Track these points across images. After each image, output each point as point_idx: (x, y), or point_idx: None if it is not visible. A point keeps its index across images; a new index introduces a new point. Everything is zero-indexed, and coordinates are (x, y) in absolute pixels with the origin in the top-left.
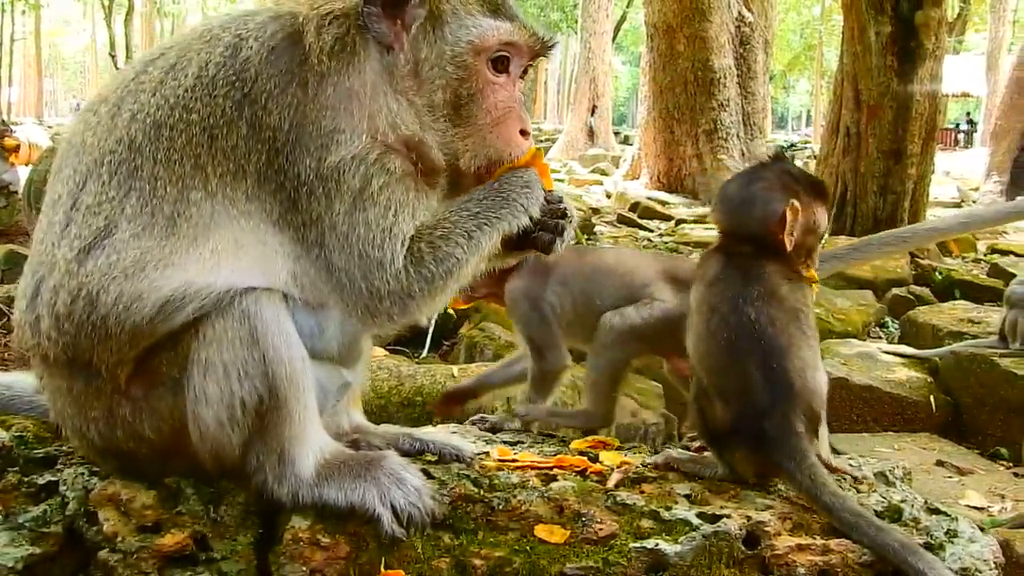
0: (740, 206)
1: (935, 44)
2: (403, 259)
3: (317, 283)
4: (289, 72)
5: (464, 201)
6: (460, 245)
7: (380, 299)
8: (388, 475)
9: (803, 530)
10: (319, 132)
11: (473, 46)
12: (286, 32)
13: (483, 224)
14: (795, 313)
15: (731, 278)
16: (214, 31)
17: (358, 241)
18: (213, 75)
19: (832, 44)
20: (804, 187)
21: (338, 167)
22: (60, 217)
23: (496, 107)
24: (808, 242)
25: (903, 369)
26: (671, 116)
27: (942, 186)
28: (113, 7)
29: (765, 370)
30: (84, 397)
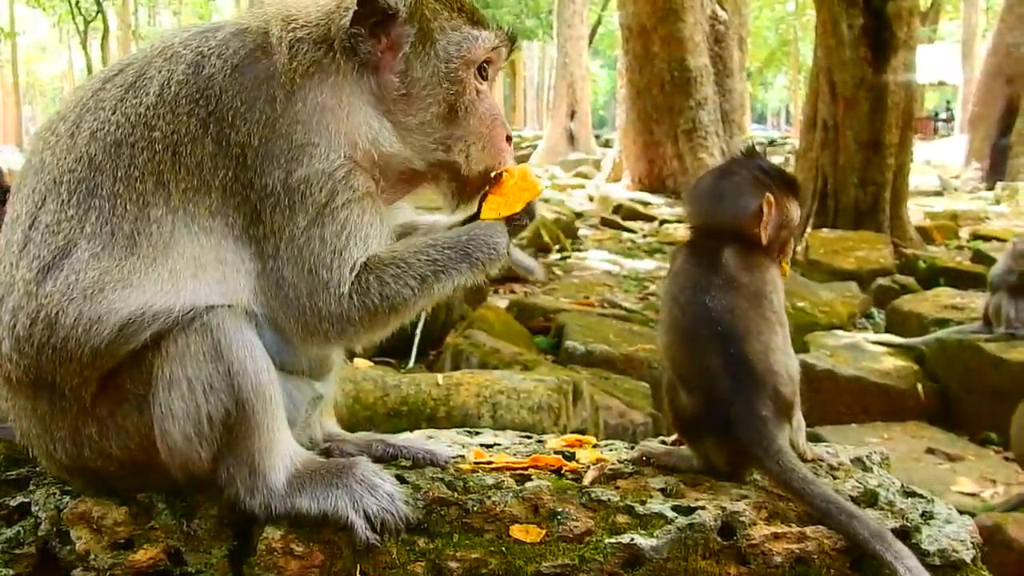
0: (713, 201)
1: (908, 34)
2: (349, 285)
3: (268, 296)
4: (255, 88)
5: (428, 244)
6: (410, 287)
7: (320, 319)
8: (360, 482)
9: (779, 519)
10: (290, 145)
11: (464, 59)
12: (248, 49)
13: (439, 272)
14: (758, 299)
15: (692, 268)
16: (175, 48)
17: (311, 256)
18: (176, 92)
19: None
20: (777, 182)
21: (307, 179)
22: (18, 236)
23: (486, 115)
24: (782, 236)
25: (890, 359)
26: (650, 117)
27: (923, 175)
28: (89, 32)
29: (724, 356)
30: (49, 417)
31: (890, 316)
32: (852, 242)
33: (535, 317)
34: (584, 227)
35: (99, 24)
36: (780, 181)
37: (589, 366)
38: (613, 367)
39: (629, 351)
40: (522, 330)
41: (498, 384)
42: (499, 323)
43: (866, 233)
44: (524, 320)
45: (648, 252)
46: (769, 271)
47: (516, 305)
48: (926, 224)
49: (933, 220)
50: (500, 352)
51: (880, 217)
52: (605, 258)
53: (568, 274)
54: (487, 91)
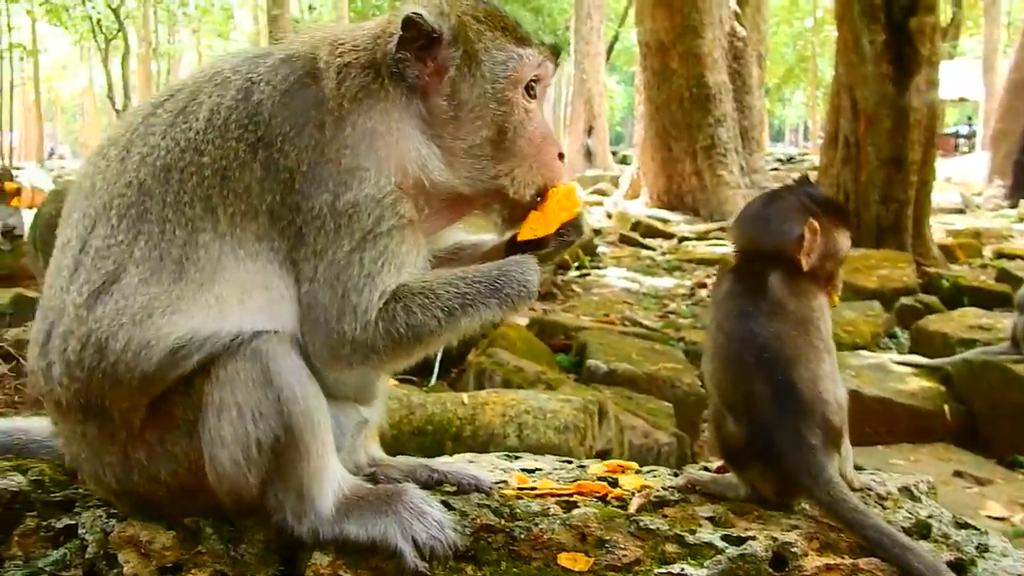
0: (758, 225)
1: (930, 50)
2: (376, 312)
3: (300, 317)
4: (304, 115)
5: (458, 276)
6: (436, 318)
7: (343, 343)
8: (409, 509)
9: (831, 550)
10: (339, 170)
11: (511, 80)
12: (297, 75)
13: (467, 306)
14: (804, 326)
15: (738, 294)
16: (224, 74)
17: (347, 279)
18: (225, 118)
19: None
20: (826, 211)
21: (355, 204)
22: (69, 261)
23: (536, 135)
24: (828, 267)
25: (915, 379)
26: (668, 134)
27: (944, 192)
28: (109, 50)
29: (772, 384)
30: (99, 442)
31: (914, 336)
32: (874, 260)
33: (556, 335)
34: (602, 244)
35: (120, 42)
36: (829, 209)
37: (612, 385)
38: (636, 386)
39: (652, 370)
40: (544, 348)
41: (524, 404)
42: (520, 341)
43: (888, 251)
44: (545, 338)
45: (667, 270)
46: (816, 298)
47: (537, 323)
48: (949, 242)
49: (956, 238)
50: (523, 371)
51: (902, 235)
52: (624, 275)
53: (587, 291)
54: (536, 109)
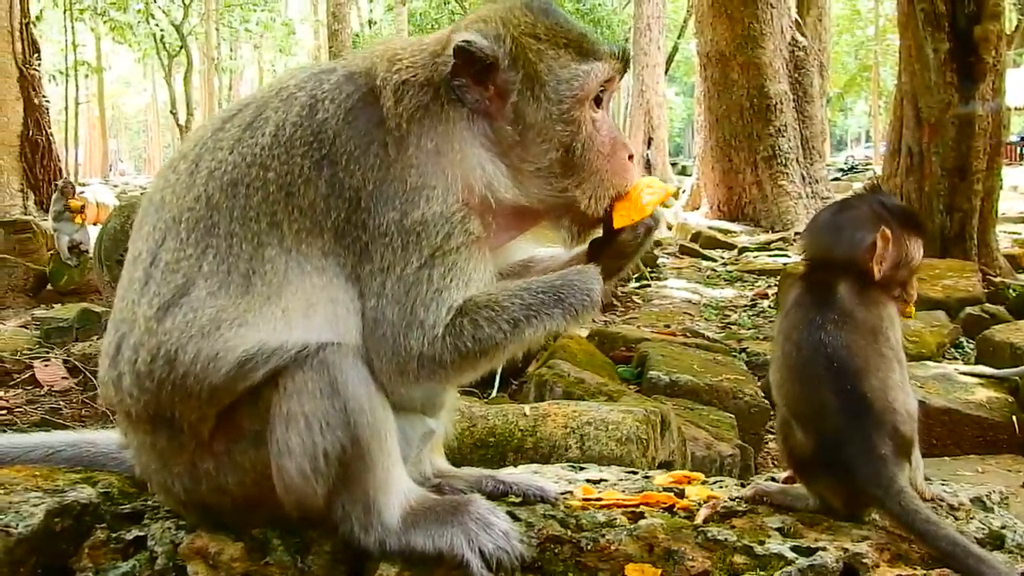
0: (829, 234)
1: (995, 58)
2: (444, 327)
3: (365, 332)
4: (368, 134)
5: (523, 287)
6: (502, 331)
7: (410, 358)
8: (475, 520)
9: (903, 561)
10: (405, 188)
11: (577, 98)
12: (362, 93)
13: (531, 317)
14: (874, 335)
15: (805, 304)
16: (290, 90)
17: (416, 295)
18: (291, 134)
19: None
20: (898, 219)
21: (424, 221)
22: (140, 274)
23: (605, 144)
24: (900, 275)
25: (982, 390)
26: (728, 144)
27: (1010, 201)
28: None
29: (841, 394)
30: (167, 452)
31: (981, 346)
32: (939, 270)
33: (617, 346)
34: (663, 255)
35: (182, 58)
36: (902, 217)
37: (673, 396)
38: (698, 397)
39: (714, 381)
40: (605, 359)
41: (586, 415)
42: (581, 352)
43: (953, 261)
44: (606, 349)
45: (728, 281)
46: (886, 307)
47: (597, 334)
48: (1015, 251)
49: (1023, 247)
50: (584, 382)
51: (967, 244)
52: (684, 287)
53: (648, 303)
54: (603, 118)
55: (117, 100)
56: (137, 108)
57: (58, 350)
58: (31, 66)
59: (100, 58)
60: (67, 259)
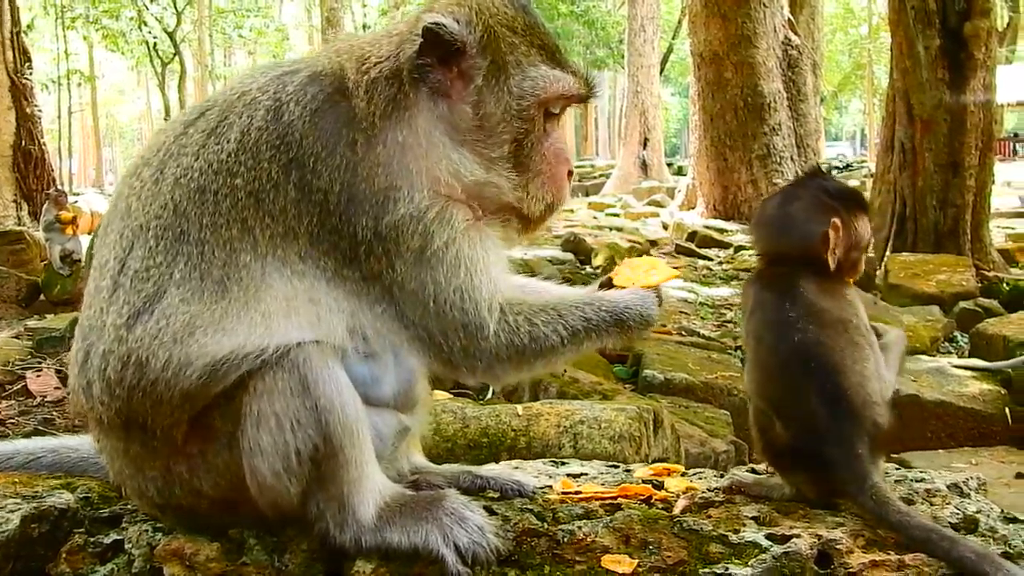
0: (780, 228)
1: (986, 54)
2: (495, 324)
3: (386, 335)
4: (335, 133)
5: (585, 302)
6: (560, 335)
7: (466, 356)
8: (450, 515)
9: (876, 546)
10: (373, 190)
11: (539, 98)
12: (326, 93)
13: (589, 330)
14: (843, 325)
15: (769, 304)
16: (252, 94)
17: (430, 299)
18: (256, 139)
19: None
20: (844, 202)
21: (396, 226)
22: (107, 282)
23: (551, 152)
24: (852, 257)
25: (975, 383)
26: (723, 144)
27: (1003, 196)
28: (166, 74)
29: (822, 394)
30: (140, 457)
31: (974, 340)
32: (933, 265)
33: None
34: (659, 255)
35: (176, 66)
36: (847, 200)
37: (668, 395)
38: (693, 395)
39: (709, 379)
40: (600, 359)
41: (578, 414)
42: None
43: (947, 256)
44: (602, 349)
45: (724, 279)
46: (848, 293)
47: None
48: (1008, 246)
49: (1015, 242)
50: (579, 382)
51: (961, 239)
52: (681, 286)
53: None
54: (555, 127)
55: (111, 109)
56: (131, 116)
57: (50, 360)
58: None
59: (93, 66)
60: (59, 268)
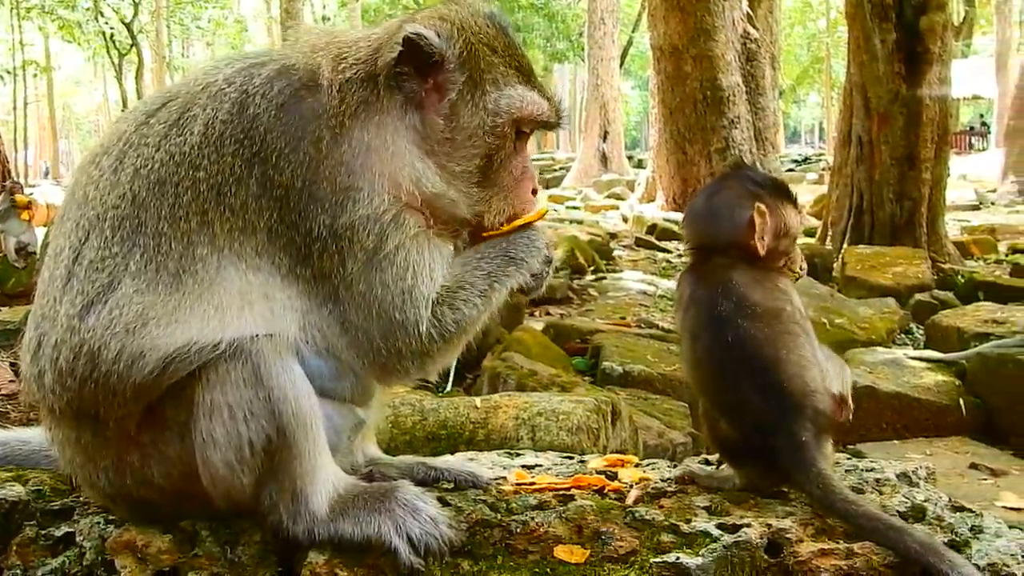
0: (706, 219)
1: (941, 48)
2: (427, 322)
3: (329, 337)
4: (300, 129)
5: (477, 259)
6: (476, 305)
7: (400, 358)
8: (402, 506)
9: (826, 535)
10: (334, 189)
11: (513, 117)
12: (294, 88)
13: (494, 283)
14: (776, 315)
15: (703, 300)
16: (219, 84)
17: (375, 302)
18: (220, 132)
19: (840, 56)
20: (768, 191)
21: (352, 225)
22: (62, 271)
23: (518, 169)
24: (782, 245)
25: (930, 374)
26: (683, 137)
27: (959, 189)
28: (123, 65)
29: (761, 387)
30: (92, 447)
31: (929, 331)
32: (889, 258)
33: (571, 338)
34: (618, 248)
35: (133, 57)
36: (772, 189)
37: (627, 387)
38: (651, 387)
39: (667, 371)
40: (559, 352)
41: (536, 406)
42: (536, 345)
43: (903, 249)
44: (561, 342)
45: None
46: (780, 282)
47: (552, 327)
48: (964, 239)
49: (971, 235)
50: (538, 374)
51: (917, 232)
52: (640, 278)
53: (603, 295)
54: (523, 146)
55: (68, 100)
56: (88, 108)
57: (4, 353)
58: None
59: (49, 57)
60: (14, 261)
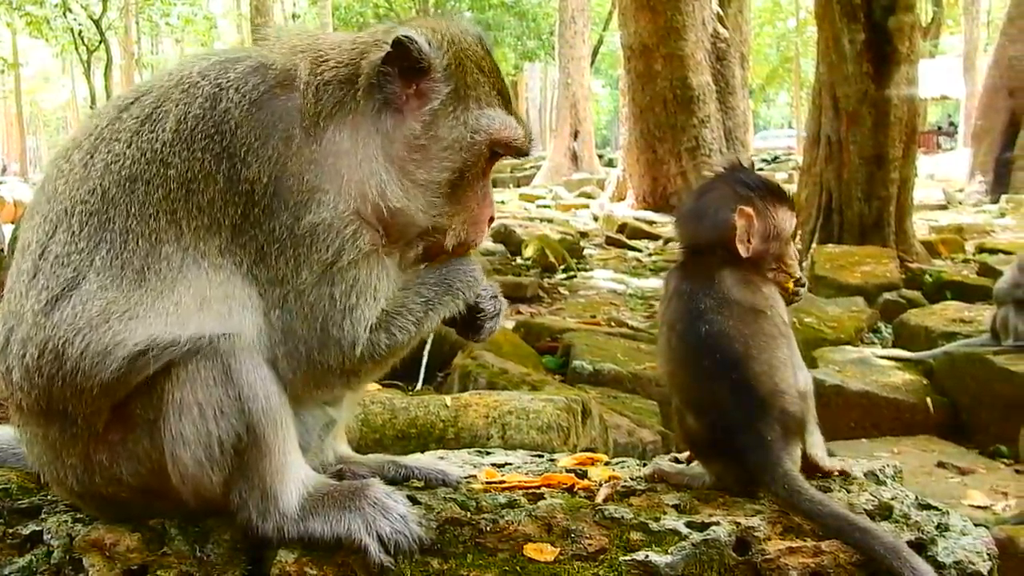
0: (694, 218)
1: (910, 48)
2: (363, 343)
3: (273, 342)
4: (271, 125)
5: (417, 285)
6: (410, 332)
7: (329, 373)
8: (373, 504)
9: (793, 533)
10: (300, 187)
11: (491, 137)
12: (269, 85)
13: (429, 311)
14: (755, 315)
15: (685, 293)
16: (193, 78)
17: (320, 314)
18: (192, 127)
19: (809, 55)
20: (759, 193)
21: (313, 231)
22: (28, 266)
23: (480, 192)
24: (772, 249)
25: (898, 373)
26: (653, 136)
27: (927, 189)
28: (92, 61)
29: (727, 383)
30: (60, 444)
31: (897, 330)
32: (857, 257)
33: (542, 337)
34: (589, 246)
35: (102, 54)
36: (763, 191)
37: (597, 385)
38: (621, 386)
39: (637, 370)
40: (530, 350)
41: (507, 404)
42: (507, 344)
43: (871, 248)
44: (531, 340)
45: (653, 271)
46: (766, 285)
47: (523, 326)
48: (931, 238)
49: (938, 234)
50: (508, 372)
51: (885, 231)
52: (611, 277)
53: (574, 294)
54: (489, 171)
55: (35, 96)
56: (56, 104)
57: None
58: None
59: (16, 53)
60: None
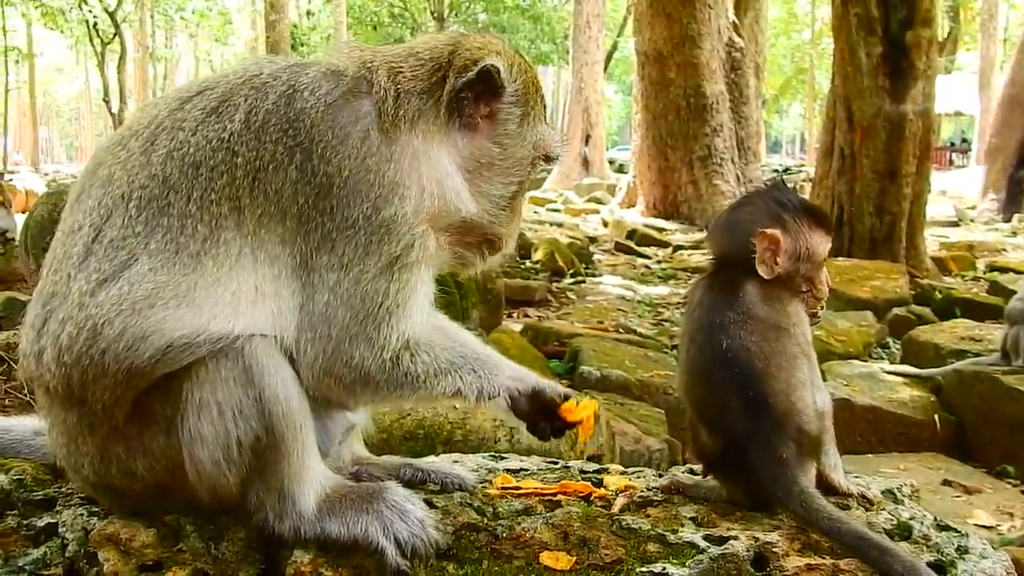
0: (726, 231)
1: (926, 63)
2: (391, 352)
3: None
4: (350, 124)
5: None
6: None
7: (347, 366)
8: (391, 507)
9: (812, 550)
10: (381, 182)
11: (544, 151)
12: (343, 91)
13: (450, 373)
14: (778, 332)
15: (708, 305)
16: (263, 78)
17: (370, 306)
18: (264, 120)
19: (823, 67)
20: (794, 214)
21: (391, 223)
22: (79, 249)
23: (522, 203)
24: (803, 270)
25: (906, 389)
26: (665, 143)
27: (938, 205)
28: (106, 54)
29: (743, 398)
30: (78, 431)
31: (906, 346)
32: (868, 271)
33: (549, 341)
34: (598, 252)
35: (116, 46)
36: (799, 213)
37: (604, 391)
38: (628, 392)
39: (644, 377)
40: (537, 354)
41: None
42: (514, 347)
43: (882, 262)
44: (539, 344)
45: (662, 278)
46: (791, 304)
47: (531, 329)
48: (942, 254)
49: (949, 251)
50: None
51: (896, 246)
52: (619, 283)
53: (582, 299)
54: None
55: (49, 87)
56: (69, 96)
57: None
58: None
59: (31, 44)
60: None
